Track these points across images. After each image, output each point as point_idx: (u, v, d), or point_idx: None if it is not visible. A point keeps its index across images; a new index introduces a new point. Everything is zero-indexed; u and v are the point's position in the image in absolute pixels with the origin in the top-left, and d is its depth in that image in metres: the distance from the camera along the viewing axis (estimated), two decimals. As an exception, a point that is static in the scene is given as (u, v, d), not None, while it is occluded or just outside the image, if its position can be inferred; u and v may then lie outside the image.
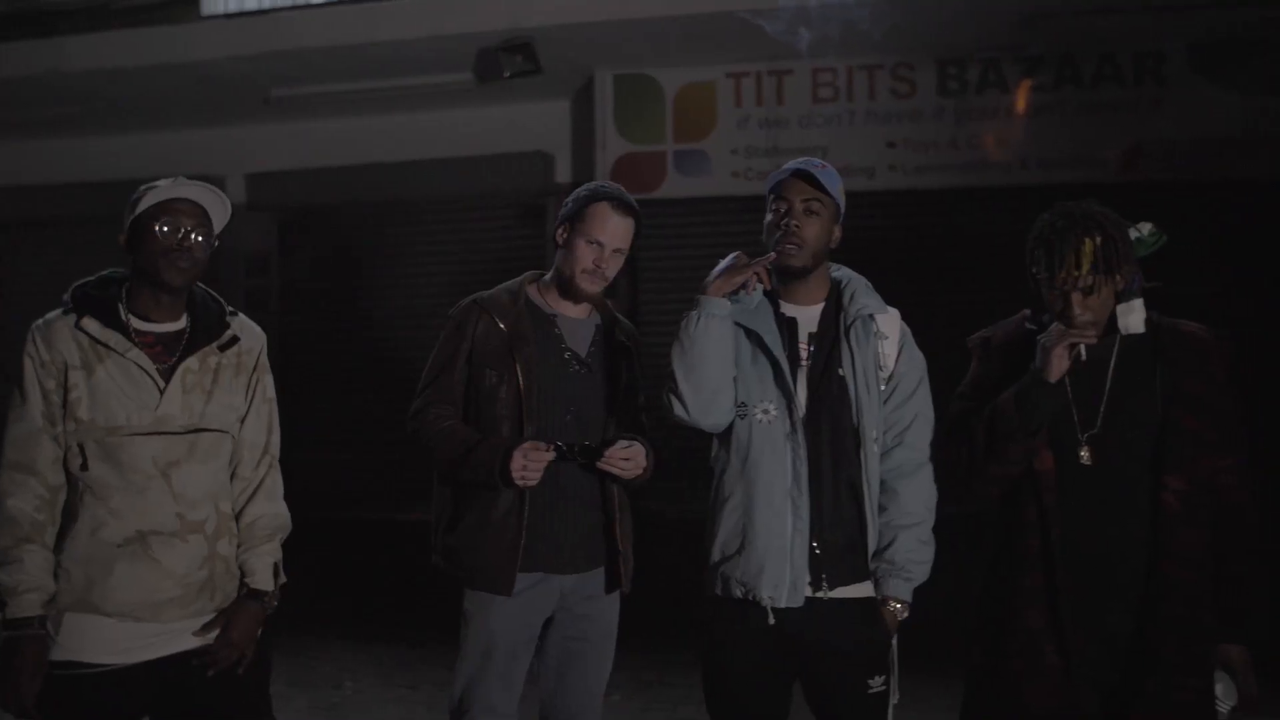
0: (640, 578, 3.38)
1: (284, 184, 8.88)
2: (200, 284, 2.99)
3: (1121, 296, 2.87)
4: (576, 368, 3.28)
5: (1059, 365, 2.77)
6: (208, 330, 2.95)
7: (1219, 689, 2.81)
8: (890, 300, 3.18)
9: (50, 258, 9.24)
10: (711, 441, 3.15)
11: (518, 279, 3.37)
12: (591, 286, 3.25)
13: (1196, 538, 2.80)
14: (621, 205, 3.24)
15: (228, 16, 7.88)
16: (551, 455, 3.09)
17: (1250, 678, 2.83)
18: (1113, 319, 2.88)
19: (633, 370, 3.34)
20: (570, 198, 3.31)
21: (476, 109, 8.49)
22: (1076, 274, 2.80)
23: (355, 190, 8.86)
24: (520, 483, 3.08)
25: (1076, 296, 2.82)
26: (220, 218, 2.94)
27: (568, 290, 3.28)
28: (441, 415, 3.24)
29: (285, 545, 3.05)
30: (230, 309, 3.04)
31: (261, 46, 7.71)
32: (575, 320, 3.32)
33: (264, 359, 3.05)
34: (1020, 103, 7.94)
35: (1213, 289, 7.02)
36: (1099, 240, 2.80)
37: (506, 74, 7.53)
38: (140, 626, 2.82)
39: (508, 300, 3.29)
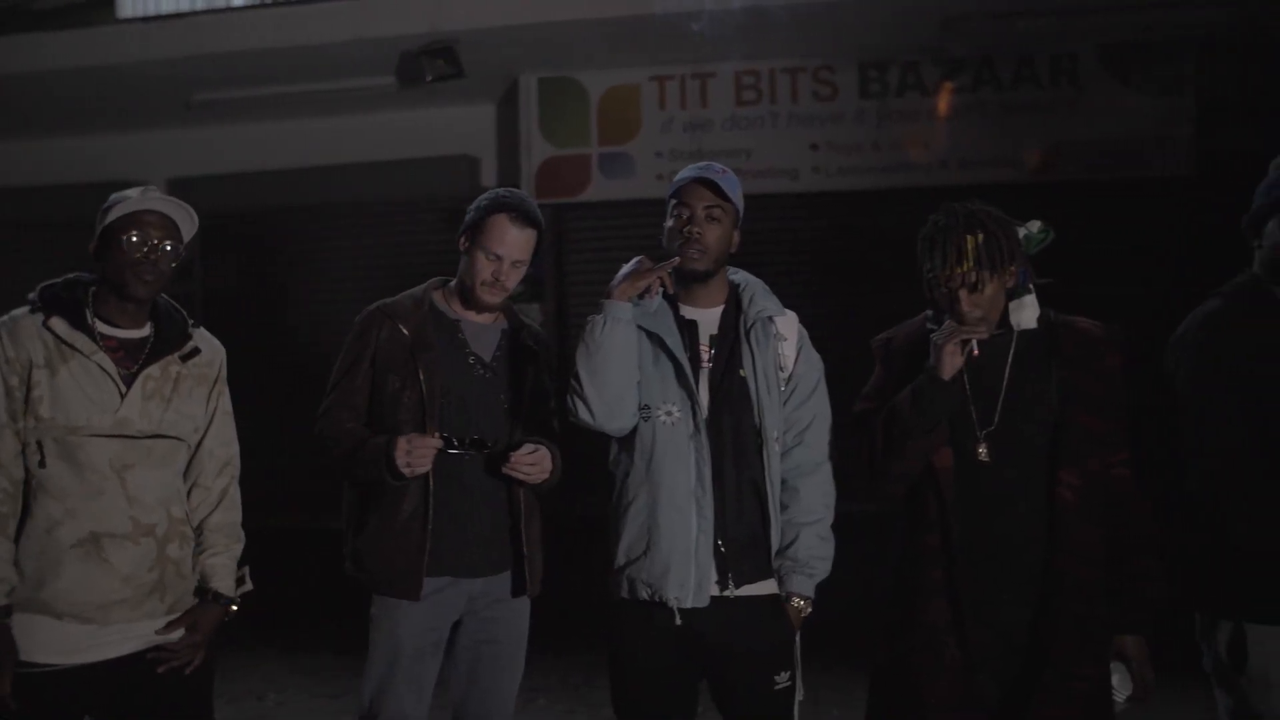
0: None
1: (206, 189, 8.75)
2: (164, 295, 3.05)
3: (1013, 294, 2.92)
4: (481, 372, 3.28)
5: (951, 362, 2.82)
6: (171, 340, 3.01)
7: (1115, 679, 2.87)
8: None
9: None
10: (610, 445, 3.17)
11: (423, 285, 3.38)
12: (491, 298, 3.27)
13: (1091, 532, 2.85)
14: (521, 217, 3.23)
15: (145, 20, 7.78)
16: (438, 443, 3.09)
17: (1146, 668, 2.88)
18: (1006, 316, 2.94)
19: (540, 374, 3.35)
20: (473, 205, 3.30)
21: (400, 112, 8.45)
22: (960, 270, 2.86)
23: (279, 195, 8.79)
24: (407, 471, 3.08)
25: (963, 293, 2.87)
26: (189, 230, 2.99)
27: (469, 300, 3.29)
28: (343, 419, 3.24)
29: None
30: (192, 321, 3.10)
31: (181, 50, 7.62)
32: (480, 325, 3.33)
33: (224, 372, 3.12)
34: (940, 105, 8.05)
35: (1125, 286, 7.17)
36: (981, 237, 2.86)
37: (429, 78, 7.51)
38: (88, 628, 2.86)
39: (411, 306, 3.30)
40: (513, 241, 3.22)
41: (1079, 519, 2.84)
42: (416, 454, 3.07)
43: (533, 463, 3.15)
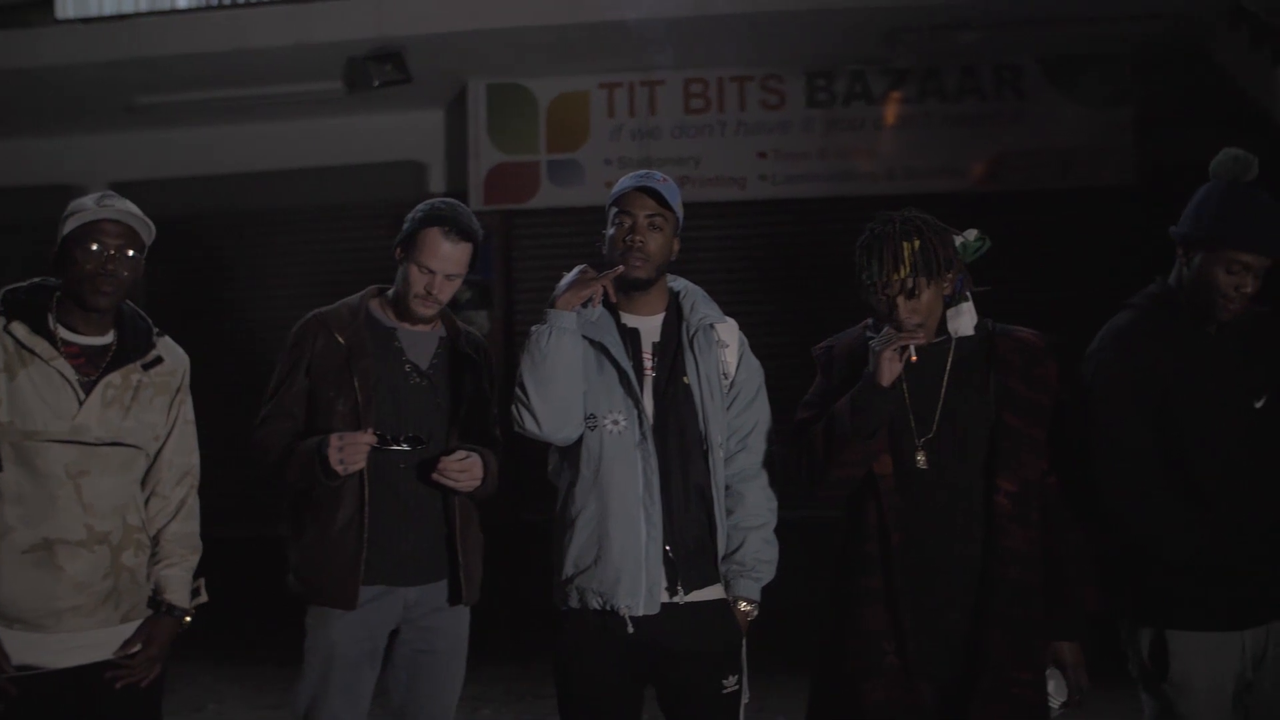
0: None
1: (149, 194, 8.55)
2: (129, 301, 3.03)
3: (950, 301, 2.96)
4: (417, 380, 3.27)
5: (890, 369, 2.84)
6: (133, 348, 2.99)
7: (1051, 685, 2.90)
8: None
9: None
10: (550, 455, 3.16)
11: (360, 293, 3.37)
12: (424, 310, 3.26)
13: (1028, 538, 2.89)
14: (454, 231, 3.20)
15: (84, 21, 7.67)
16: (371, 439, 3.08)
17: (1081, 674, 2.92)
18: (945, 324, 2.97)
19: (479, 382, 3.34)
20: (409, 216, 3.28)
21: (348, 118, 8.40)
22: (897, 277, 2.88)
23: (223, 200, 8.70)
24: (340, 469, 3.06)
25: (901, 300, 2.89)
26: (148, 236, 2.98)
27: (404, 311, 3.29)
28: (280, 428, 3.23)
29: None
30: (157, 330, 3.08)
31: (121, 52, 7.54)
32: (417, 333, 3.32)
33: (186, 381, 3.10)
34: (887, 114, 8.13)
35: (1067, 294, 7.27)
36: (918, 244, 2.89)
37: (376, 83, 7.47)
38: (42, 636, 2.84)
39: (347, 314, 3.29)
40: (445, 255, 3.20)
41: (1016, 525, 2.87)
42: (349, 450, 3.06)
43: (463, 469, 3.14)
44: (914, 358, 2.87)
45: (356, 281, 3.43)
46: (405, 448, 3.13)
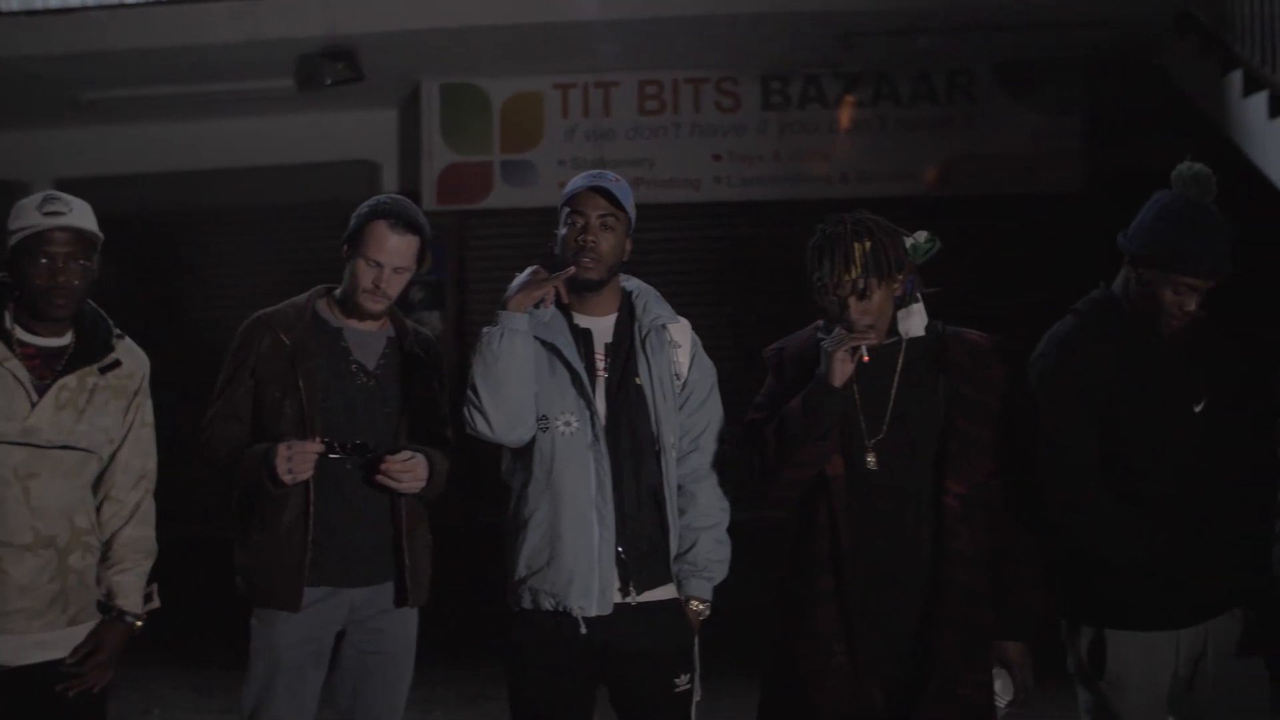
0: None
1: (97, 191, 8.42)
2: (91, 302, 3.00)
3: (900, 302, 2.97)
4: (364, 380, 3.25)
5: (842, 370, 2.85)
6: (91, 351, 2.96)
7: (997, 685, 2.93)
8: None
9: None
10: (502, 455, 3.15)
11: (307, 293, 3.34)
12: (373, 305, 3.23)
13: (976, 539, 2.90)
14: (400, 224, 3.18)
15: (29, 14, 7.54)
16: (319, 448, 3.06)
17: (1027, 673, 2.95)
18: (895, 325, 2.98)
19: (428, 381, 3.32)
20: (355, 213, 3.26)
21: (299, 116, 8.33)
22: (848, 277, 2.88)
23: (173, 198, 8.60)
24: (288, 478, 3.04)
25: (852, 300, 2.90)
26: (98, 240, 2.95)
27: (352, 308, 3.26)
28: (227, 429, 3.21)
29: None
30: (118, 331, 3.05)
31: (68, 46, 7.42)
32: (365, 332, 3.29)
33: (145, 384, 3.08)
34: (841, 118, 8.18)
35: (1017, 298, 7.34)
36: (869, 245, 2.89)
37: (328, 81, 7.42)
38: None
39: (293, 314, 3.26)
40: (392, 248, 3.18)
41: (964, 526, 2.89)
42: (297, 460, 3.04)
43: (406, 469, 3.12)
44: (866, 358, 2.88)
45: (308, 282, 3.40)
46: (353, 457, 3.12)
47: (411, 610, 3.29)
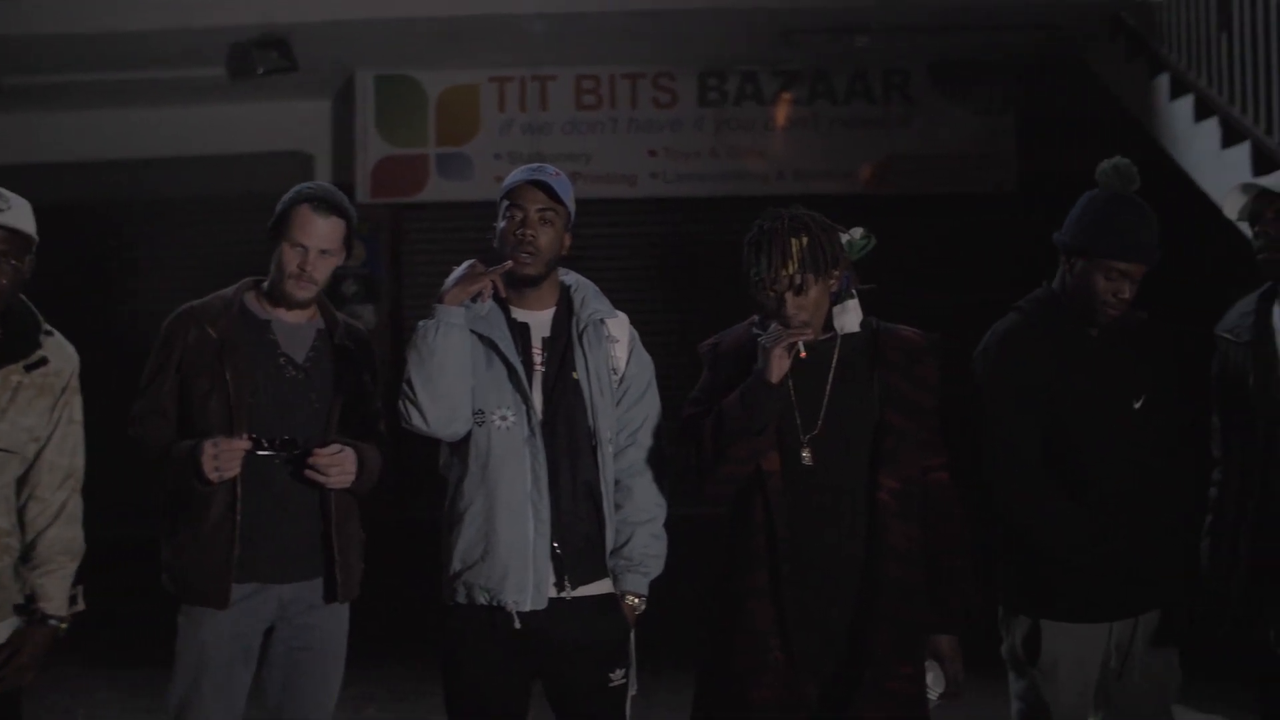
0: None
1: (19, 180, 8.30)
2: (22, 296, 2.93)
3: (836, 298, 2.99)
4: (292, 373, 3.21)
5: (779, 365, 2.86)
6: (15, 348, 2.92)
7: (929, 678, 2.96)
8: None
9: None
10: (441, 448, 3.13)
11: (234, 285, 3.30)
12: (299, 291, 3.19)
13: (910, 534, 2.93)
14: (323, 205, 3.17)
15: (-52, -3, 7.36)
16: (246, 445, 3.03)
17: (958, 666, 2.99)
18: (830, 321, 3.00)
19: (360, 375, 3.29)
20: (279, 202, 3.23)
21: (231, 105, 8.22)
22: (785, 273, 2.90)
23: (100, 188, 8.45)
24: (214, 476, 3.01)
25: (789, 296, 2.91)
26: (30, 229, 2.88)
27: (280, 296, 3.23)
28: (153, 424, 3.17)
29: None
30: (46, 328, 2.99)
31: (-10, 29, 7.24)
32: (293, 325, 3.26)
33: (74, 381, 3.03)
34: (778, 115, 8.22)
35: (950, 296, 7.42)
36: (805, 240, 2.91)
37: (261, 70, 7.31)
38: None
39: (220, 306, 3.22)
40: (315, 230, 3.16)
41: (898, 521, 2.91)
42: (224, 457, 3.01)
43: (334, 463, 3.09)
44: (803, 354, 2.89)
45: (240, 274, 3.35)
46: (282, 454, 3.09)
47: (342, 606, 3.26)
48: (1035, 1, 6.90)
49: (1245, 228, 3.17)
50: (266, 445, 3.06)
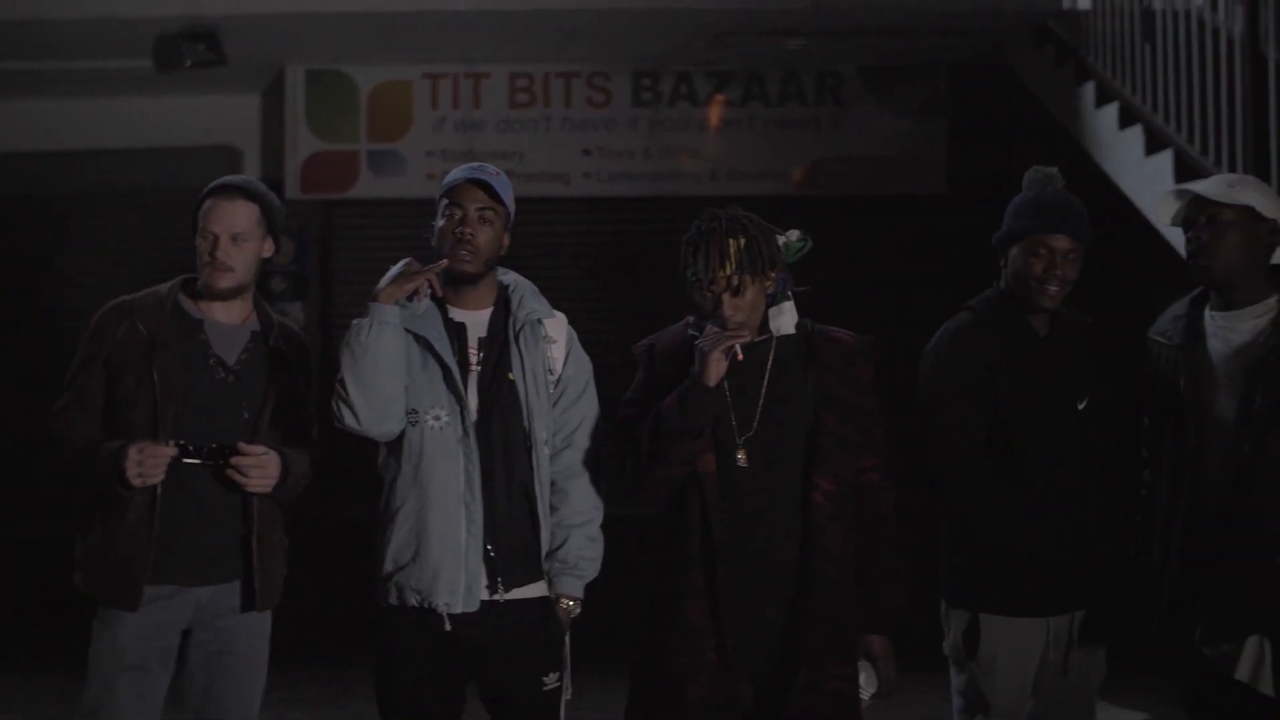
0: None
1: (-64, 171, 8.17)
2: None
3: (772, 299, 3.01)
4: (222, 375, 3.16)
5: (716, 369, 2.87)
6: None
7: (862, 677, 2.98)
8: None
9: None
10: (379, 448, 3.10)
11: (170, 282, 3.24)
12: (217, 281, 3.14)
13: (844, 534, 2.95)
14: (229, 190, 3.15)
15: None
16: (173, 452, 2.98)
17: (889, 666, 3.01)
18: (766, 323, 3.01)
19: (294, 378, 3.25)
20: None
21: (157, 98, 8.07)
22: (722, 273, 2.91)
23: (22, 181, 8.24)
24: (138, 482, 2.97)
25: (726, 296, 2.92)
26: None
27: (207, 293, 3.18)
28: (76, 421, 3.10)
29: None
30: None
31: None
32: (227, 325, 3.21)
33: None
34: (711, 116, 8.25)
35: (881, 297, 7.51)
36: (743, 241, 2.92)
37: (188, 63, 7.17)
38: None
39: (153, 303, 3.17)
40: (222, 214, 3.12)
41: (833, 523, 2.93)
42: (148, 464, 2.96)
43: (256, 465, 3.04)
44: (740, 356, 2.90)
45: (164, 271, 3.29)
46: (209, 462, 3.04)
47: (266, 611, 3.21)
48: (964, 8, 6.98)
49: (1177, 233, 3.24)
50: (192, 453, 3.01)
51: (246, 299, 3.25)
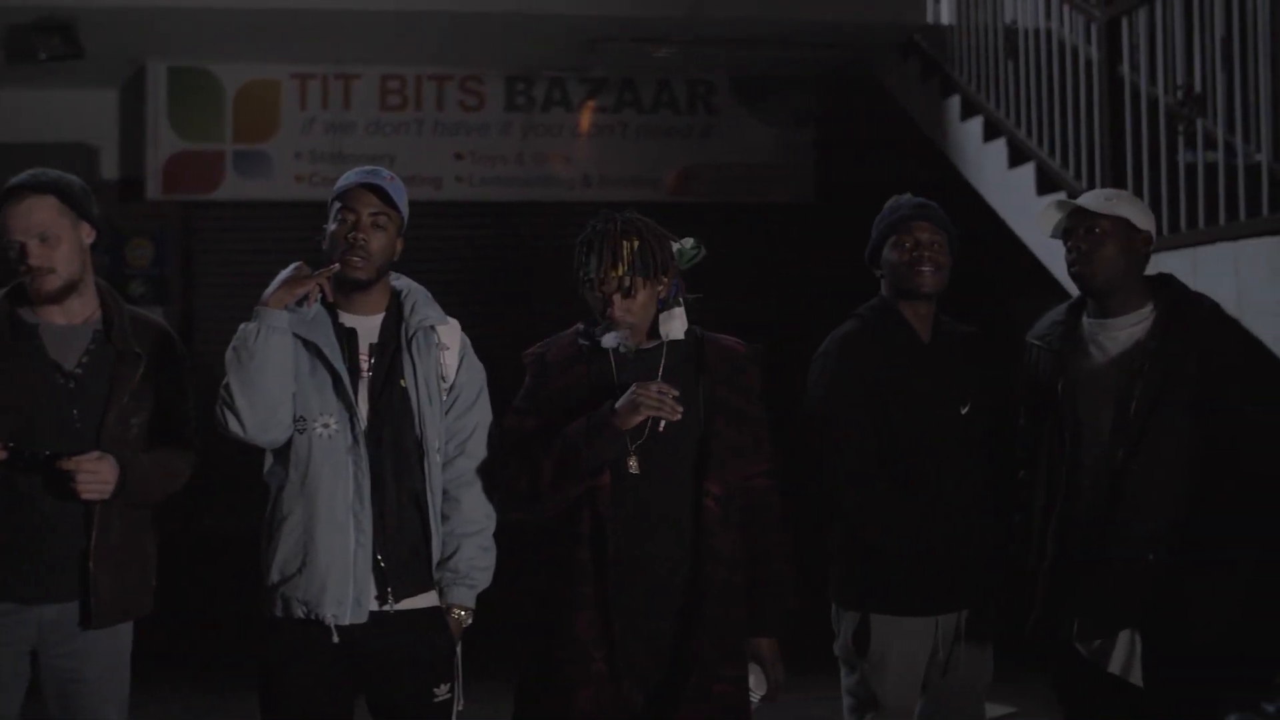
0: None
1: None
2: None
3: (664, 305, 3.03)
4: (61, 381, 3.02)
5: (635, 417, 2.86)
6: None
7: (751, 680, 3.02)
8: (455, 310, 3.20)
9: None
10: (265, 456, 3.03)
11: (3, 289, 3.10)
12: (42, 285, 3.00)
13: (733, 539, 2.98)
14: (15, 191, 3.01)
15: None
16: (3, 456, 2.86)
17: (777, 668, 3.06)
18: (657, 328, 3.03)
19: (154, 376, 3.11)
20: None
21: (8, 92, 7.72)
22: (614, 274, 2.93)
23: None
24: None
25: (617, 298, 2.95)
26: None
27: (35, 295, 3.04)
28: None
29: None
30: None
31: None
32: (64, 328, 3.07)
33: None
34: (584, 122, 8.26)
35: (750, 303, 7.60)
36: (637, 244, 2.96)
37: (42, 56, 6.88)
38: None
39: None
40: (17, 217, 2.98)
41: (723, 527, 2.96)
42: None
43: (85, 470, 2.90)
44: (631, 353, 2.96)
45: (9, 271, 3.13)
46: (42, 467, 2.91)
47: (123, 627, 3.07)
48: (833, 21, 7.11)
49: (1045, 244, 3.38)
50: (26, 459, 2.89)
51: (86, 295, 3.09)
